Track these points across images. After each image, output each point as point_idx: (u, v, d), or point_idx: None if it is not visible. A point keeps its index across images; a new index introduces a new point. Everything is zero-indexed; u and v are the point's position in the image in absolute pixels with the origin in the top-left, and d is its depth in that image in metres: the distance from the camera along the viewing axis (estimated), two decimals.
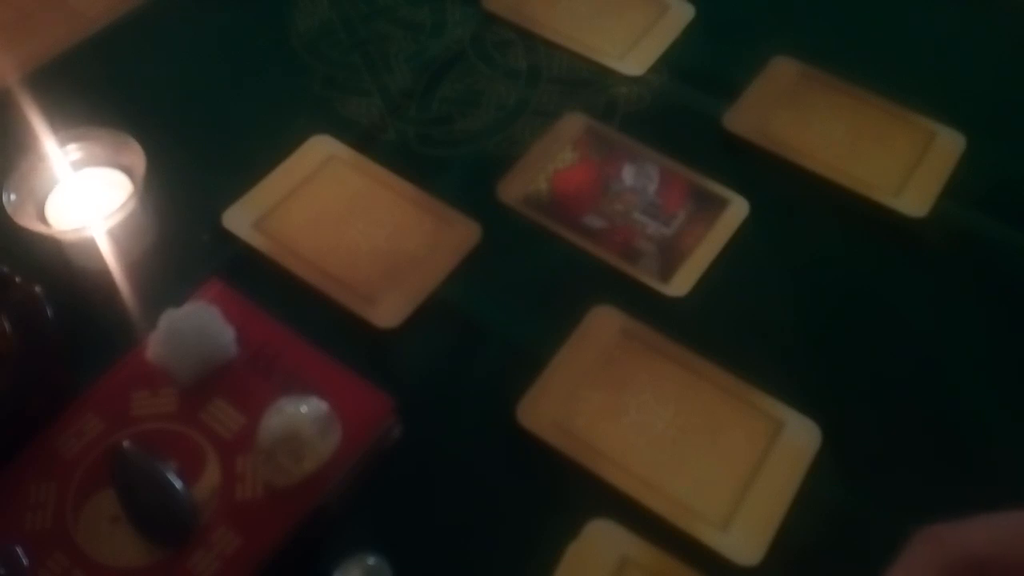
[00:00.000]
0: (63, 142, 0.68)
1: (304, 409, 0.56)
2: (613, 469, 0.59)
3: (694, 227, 0.71)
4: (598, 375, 0.64)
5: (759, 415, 0.62)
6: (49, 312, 0.59)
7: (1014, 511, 0.39)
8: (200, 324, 0.60)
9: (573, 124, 0.78)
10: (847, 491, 0.59)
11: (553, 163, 0.75)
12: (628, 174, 0.74)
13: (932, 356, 0.66)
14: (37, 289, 0.60)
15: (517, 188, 0.74)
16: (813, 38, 0.84)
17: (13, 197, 0.65)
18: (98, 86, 0.79)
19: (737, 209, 0.72)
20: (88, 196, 0.67)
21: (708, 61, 0.83)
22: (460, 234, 0.71)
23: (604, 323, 0.66)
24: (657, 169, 0.75)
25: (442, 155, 0.76)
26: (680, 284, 0.68)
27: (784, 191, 0.74)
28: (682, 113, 0.79)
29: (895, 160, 0.75)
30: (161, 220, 0.70)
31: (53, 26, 0.84)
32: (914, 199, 0.73)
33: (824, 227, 0.72)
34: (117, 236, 0.66)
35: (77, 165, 0.68)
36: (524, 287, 0.69)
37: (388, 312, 0.66)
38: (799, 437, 0.61)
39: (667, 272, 0.69)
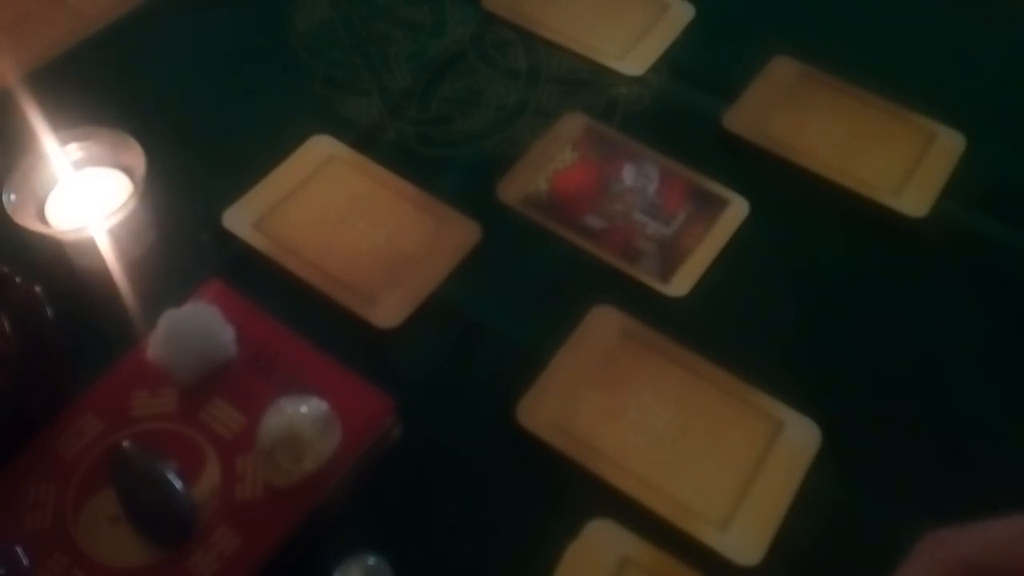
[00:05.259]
0: (63, 142, 0.67)
1: (304, 409, 0.56)
2: (613, 469, 0.59)
3: (694, 227, 0.71)
4: (598, 375, 0.64)
5: (759, 415, 0.62)
6: (49, 312, 0.59)
7: (1016, 516, 0.39)
8: (200, 324, 0.60)
9: (573, 124, 0.78)
10: (847, 491, 0.59)
11: (553, 163, 0.75)
12: (628, 174, 0.74)
13: (932, 356, 0.66)
14: (37, 289, 0.60)
15: (517, 188, 0.74)
16: (813, 38, 0.84)
17: (13, 197, 0.65)
18: (98, 86, 0.79)
19: (737, 209, 0.72)
20: (88, 196, 0.67)
21: (708, 61, 0.83)
22: (460, 234, 0.71)
23: (604, 323, 0.66)
24: (657, 169, 0.75)
25: (442, 155, 0.76)
26: (680, 284, 0.68)
27: (784, 191, 0.74)
28: (682, 113, 0.79)
29: (895, 160, 0.75)
30: (161, 220, 0.70)
31: (53, 26, 0.84)
32: (914, 199, 0.73)
33: (824, 227, 0.72)
34: (117, 236, 0.66)
35: (77, 165, 0.68)
36: (524, 287, 0.69)
37: (388, 312, 0.66)
38: (799, 437, 0.61)
39: (667, 272, 0.69)
